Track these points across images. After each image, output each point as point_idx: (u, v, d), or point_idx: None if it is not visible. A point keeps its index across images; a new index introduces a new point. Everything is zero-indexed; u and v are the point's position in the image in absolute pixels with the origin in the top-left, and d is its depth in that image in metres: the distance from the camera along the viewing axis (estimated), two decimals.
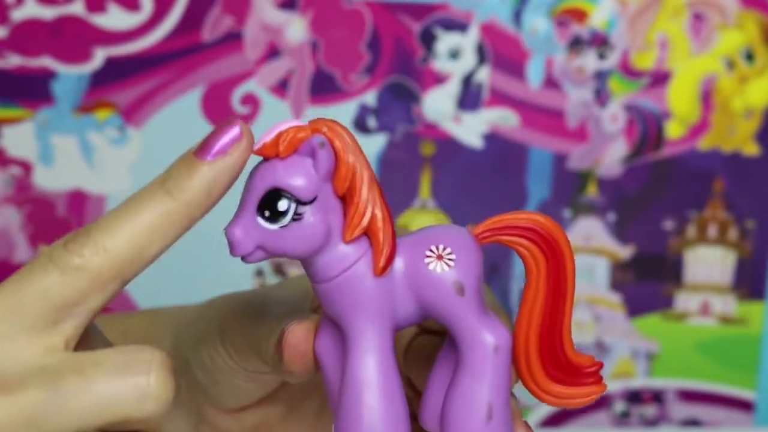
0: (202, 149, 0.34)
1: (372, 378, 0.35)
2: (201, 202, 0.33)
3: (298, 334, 0.37)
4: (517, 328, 0.36)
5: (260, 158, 0.35)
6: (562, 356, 0.36)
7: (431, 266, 0.35)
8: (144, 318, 0.48)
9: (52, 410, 0.30)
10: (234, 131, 0.33)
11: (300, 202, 0.34)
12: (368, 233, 0.35)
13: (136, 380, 0.31)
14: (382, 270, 0.35)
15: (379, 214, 0.35)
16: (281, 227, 0.34)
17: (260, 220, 0.34)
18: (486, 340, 0.35)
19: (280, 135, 0.34)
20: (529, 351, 0.36)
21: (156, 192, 0.33)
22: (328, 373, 0.37)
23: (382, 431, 0.35)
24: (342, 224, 0.35)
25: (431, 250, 0.35)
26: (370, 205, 0.35)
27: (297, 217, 0.34)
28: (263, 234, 0.34)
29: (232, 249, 0.34)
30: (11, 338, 0.31)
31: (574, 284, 0.36)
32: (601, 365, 0.37)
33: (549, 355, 0.36)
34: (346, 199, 0.35)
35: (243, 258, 0.35)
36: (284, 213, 0.34)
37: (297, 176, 0.34)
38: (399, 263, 0.35)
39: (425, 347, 0.39)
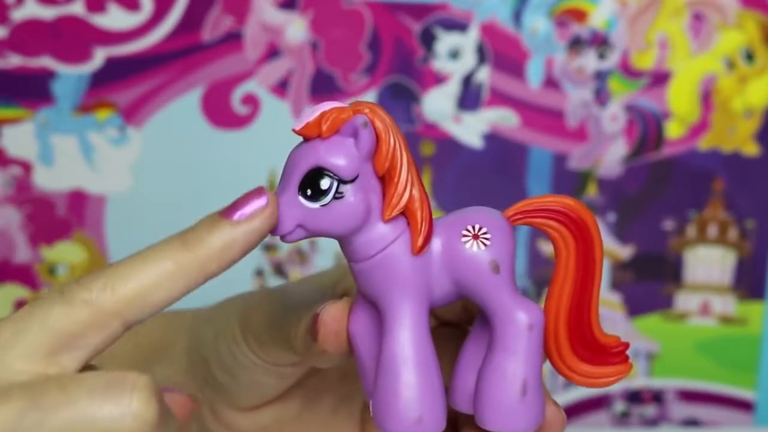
0: (228, 210, 0.35)
1: (409, 354, 0.36)
2: (216, 258, 0.34)
3: (334, 313, 0.38)
4: (546, 308, 0.37)
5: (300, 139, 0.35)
6: (590, 336, 0.37)
7: (468, 245, 0.36)
8: (159, 319, 0.48)
9: (32, 423, 0.31)
10: (261, 200, 0.34)
11: (342, 181, 0.35)
12: (406, 213, 0.36)
13: (117, 398, 0.31)
14: (420, 249, 0.36)
15: (416, 194, 0.35)
16: (322, 206, 0.35)
17: (301, 199, 0.35)
18: (521, 318, 0.36)
19: (322, 115, 0.35)
20: (558, 331, 0.37)
21: (174, 242, 0.35)
22: (362, 354, 0.38)
23: (419, 407, 0.35)
24: (381, 204, 0.36)
25: (467, 230, 0.36)
26: (408, 186, 0.35)
27: (338, 195, 0.35)
28: (304, 212, 0.35)
29: (274, 228, 0.35)
30: (7, 363, 0.32)
31: (602, 266, 0.38)
32: (627, 345, 0.38)
33: (577, 335, 0.37)
34: (385, 179, 0.35)
35: (283, 237, 0.36)
36: (326, 191, 0.35)
37: (339, 155, 0.35)
38: (436, 243, 0.36)
39: (443, 339, 0.39)
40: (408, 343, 0.36)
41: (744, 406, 0.81)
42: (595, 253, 0.38)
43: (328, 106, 0.35)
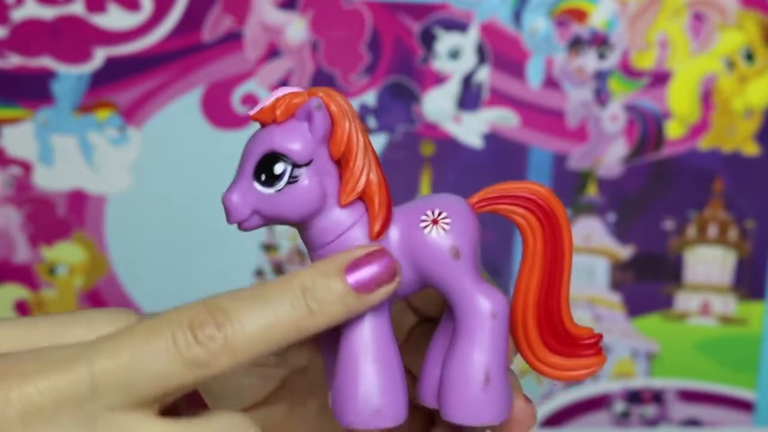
0: (352, 269, 0.34)
1: (368, 345, 0.35)
2: (332, 324, 0.34)
3: None
4: (514, 298, 0.36)
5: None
6: (560, 327, 0.36)
7: (427, 230, 0.35)
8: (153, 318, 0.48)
9: None
10: (386, 267, 0.34)
11: (296, 165, 0.34)
12: (364, 198, 0.35)
13: None
14: (377, 234, 0.35)
15: (374, 178, 0.35)
16: (277, 191, 0.34)
17: (256, 185, 0.35)
18: (483, 305, 0.35)
19: (277, 100, 0.35)
20: (527, 320, 0.36)
21: (298, 307, 0.33)
22: (325, 347, 0.37)
23: (377, 400, 0.35)
24: (338, 189, 0.35)
25: (426, 215, 0.35)
26: (365, 170, 0.35)
27: (292, 180, 0.34)
28: (259, 198, 0.34)
29: (229, 215, 0.35)
30: (112, 413, 0.31)
31: (572, 254, 0.36)
32: (600, 337, 0.37)
33: (546, 325, 0.36)
34: (341, 163, 0.35)
35: (240, 225, 0.35)
36: (280, 176, 0.34)
37: (293, 139, 0.34)
38: (395, 229, 0.35)
39: (425, 336, 0.39)
40: (367, 334, 0.35)
41: (744, 406, 0.81)
42: (564, 241, 0.36)
43: (283, 91, 0.35)
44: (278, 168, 0.34)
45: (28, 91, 0.72)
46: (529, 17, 0.74)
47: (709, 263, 0.79)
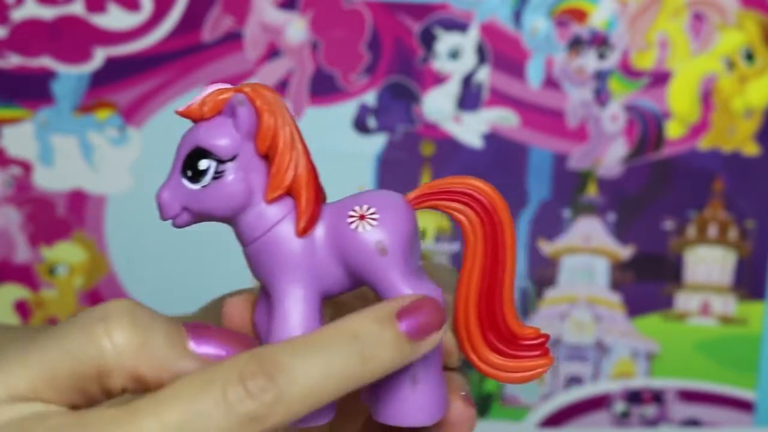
0: (404, 316, 0.33)
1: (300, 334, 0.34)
2: (386, 373, 0.33)
3: (236, 305, 0.37)
4: (456, 296, 0.35)
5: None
6: (504, 326, 0.35)
7: (353, 225, 0.34)
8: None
9: None
10: (436, 313, 0.33)
11: (220, 161, 0.34)
12: (291, 193, 0.35)
13: None
14: (303, 231, 0.35)
15: (303, 173, 0.35)
16: (203, 187, 0.35)
17: (184, 181, 0.35)
18: None
19: (204, 97, 0.35)
20: (469, 319, 0.35)
21: (351, 356, 0.32)
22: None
23: None
24: (265, 184, 0.35)
25: (354, 211, 0.35)
26: (292, 165, 0.35)
27: (217, 175, 0.34)
28: (187, 195, 0.35)
29: (160, 211, 0.35)
30: None
31: (515, 252, 0.35)
32: (547, 337, 0.36)
33: (489, 325, 0.35)
34: (269, 158, 0.35)
35: (173, 222, 0.35)
36: (205, 172, 0.35)
37: (216, 135, 0.35)
38: (323, 225, 0.35)
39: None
40: (294, 330, 0.34)
41: (744, 406, 0.81)
42: (506, 238, 0.35)
43: (212, 88, 0.36)
44: (203, 164, 0.35)
45: (28, 91, 0.72)
46: (529, 17, 0.74)
47: (709, 263, 0.79)
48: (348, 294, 0.36)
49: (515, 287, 0.36)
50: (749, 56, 0.76)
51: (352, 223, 0.34)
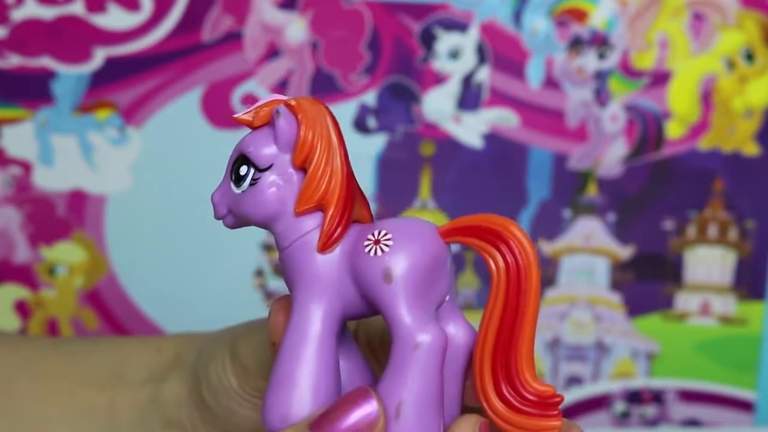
0: (316, 428, 0.33)
1: (305, 354, 0.35)
2: None
3: (278, 305, 0.37)
4: (477, 337, 0.35)
5: None
6: (518, 378, 0.34)
7: (367, 249, 0.35)
8: (176, 339, 0.49)
9: None
10: (370, 409, 0.33)
11: (258, 169, 0.35)
12: (320, 209, 0.35)
13: None
14: (323, 248, 0.35)
15: (335, 190, 0.35)
16: (243, 192, 0.36)
17: (231, 185, 0.36)
18: (405, 334, 0.34)
19: (258, 107, 0.36)
20: (483, 363, 0.34)
21: None
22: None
23: (288, 406, 0.34)
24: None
25: (372, 234, 0.35)
26: (324, 181, 0.35)
27: (254, 182, 0.36)
28: (231, 197, 0.36)
29: (214, 212, 0.37)
30: None
31: (537, 306, 0.34)
32: (561, 399, 0.34)
33: (503, 373, 0.34)
34: (306, 172, 0.36)
35: (224, 222, 0.37)
36: (244, 177, 0.36)
37: (256, 143, 0.36)
38: (346, 244, 0.35)
39: None
40: (306, 342, 0.35)
41: (744, 406, 0.81)
42: (530, 292, 0.34)
43: (268, 98, 0.36)
44: (242, 170, 0.36)
45: (28, 91, 0.72)
46: (529, 17, 0.74)
47: (709, 263, 0.79)
48: None
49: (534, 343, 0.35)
50: (749, 56, 0.76)
51: (367, 246, 0.35)
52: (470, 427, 0.34)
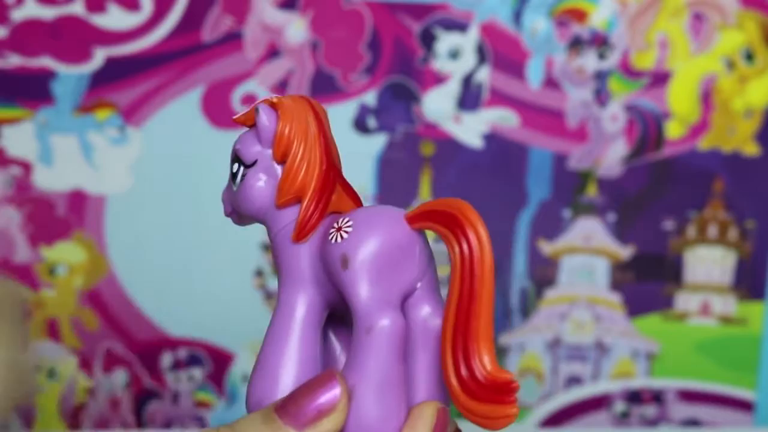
0: (282, 410, 0.33)
1: (283, 342, 0.35)
2: None
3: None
4: (443, 321, 0.34)
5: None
6: (478, 362, 0.34)
7: (330, 236, 0.35)
8: None
9: None
10: (333, 393, 0.33)
11: (245, 165, 0.37)
12: (299, 201, 0.36)
13: None
14: (297, 237, 0.36)
15: (310, 183, 0.36)
16: (237, 188, 0.37)
17: (231, 183, 0.38)
18: (359, 318, 0.34)
19: (252, 107, 0.37)
20: (446, 348, 0.34)
21: None
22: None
23: (261, 388, 0.35)
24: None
25: (337, 222, 0.35)
26: (300, 173, 0.36)
27: (242, 179, 0.37)
28: (232, 195, 0.38)
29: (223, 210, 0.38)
30: None
31: (492, 287, 0.34)
32: (517, 387, 0.34)
33: (464, 357, 0.34)
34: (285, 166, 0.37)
35: (232, 220, 0.38)
36: (236, 175, 0.37)
37: (244, 141, 0.37)
38: (320, 234, 0.36)
39: None
40: (281, 330, 0.35)
41: (744, 406, 0.81)
42: (484, 273, 0.33)
43: (262, 99, 0.38)
44: (234, 167, 0.37)
45: (28, 91, 0.72)
46: (529, 17, 0.74)
47: (709, 263, 0.79)
48: None
49: (493, 318, 0.34)
50: (749, 56, 0.76)
51: (330, 233, 0.35)
52: (429, 412, 0.35)
